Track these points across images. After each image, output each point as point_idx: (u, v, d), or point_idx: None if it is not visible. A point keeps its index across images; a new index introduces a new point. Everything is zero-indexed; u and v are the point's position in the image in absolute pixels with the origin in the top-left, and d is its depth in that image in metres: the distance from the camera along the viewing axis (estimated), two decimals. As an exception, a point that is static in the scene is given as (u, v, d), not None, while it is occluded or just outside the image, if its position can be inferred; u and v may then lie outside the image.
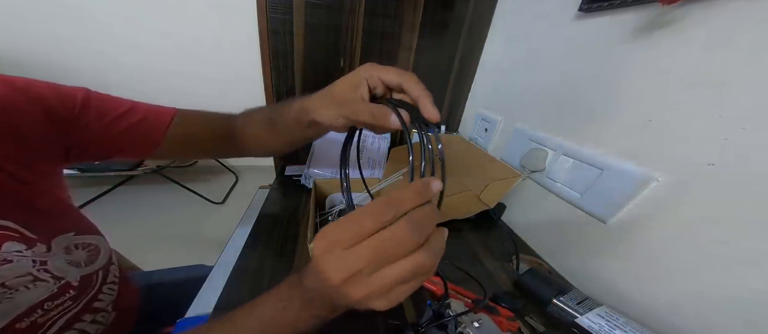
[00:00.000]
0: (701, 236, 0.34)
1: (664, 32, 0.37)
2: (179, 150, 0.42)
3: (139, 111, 0.37)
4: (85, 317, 0.36)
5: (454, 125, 0.94)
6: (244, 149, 0.45)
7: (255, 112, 0.44)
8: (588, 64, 0.49)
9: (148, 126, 0.37)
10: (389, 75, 0.29)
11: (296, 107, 0.35)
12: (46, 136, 0.31)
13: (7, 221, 0.28)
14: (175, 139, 0.39)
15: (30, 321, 0.30)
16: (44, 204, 0.32)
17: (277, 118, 0.39)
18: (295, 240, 0.53)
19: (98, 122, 0.34)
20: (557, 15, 0.55)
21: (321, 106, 0.32)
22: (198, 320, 0.38)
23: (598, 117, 0.47)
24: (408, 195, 0.20)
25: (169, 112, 0.40)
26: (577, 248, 0.51)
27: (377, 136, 0.80)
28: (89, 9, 0.66)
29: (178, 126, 0.40)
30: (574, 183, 0.50)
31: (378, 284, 0.19)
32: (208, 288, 0.43)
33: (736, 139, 0.30)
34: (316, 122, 0.33)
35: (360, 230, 0.19)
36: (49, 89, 0.31)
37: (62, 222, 0.34)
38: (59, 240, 0.33)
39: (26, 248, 0.29)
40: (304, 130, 0.37)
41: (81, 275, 0.35)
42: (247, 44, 0.72)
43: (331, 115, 0.31)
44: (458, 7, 0.75)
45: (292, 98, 0.38)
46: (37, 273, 0.30)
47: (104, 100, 0.35)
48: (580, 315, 0.37)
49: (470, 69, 0.84)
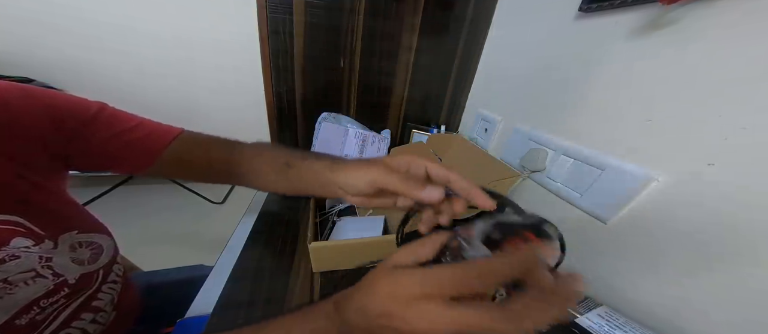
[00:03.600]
0: (701, 236, 0.34)
1: (664, 32, 0.37)
2: (172, 171, 0.41)
3: (145, 127, 0.38)
4: (85, 316, 0.36)
5: (454, 125, 0.94)
6: (243, 179, 0.43)
7: (269, 150, 0.43)
8: (588, 64, 0.49)
9: (148, 142, 0.38)
10: (436, 168, 0.29)
11: (319, 166, 0.35)
12: (52, 141, 0.32)
13: (15, 217, 0.28)
14: (169, 159, 0.39)
15: (29, 318, 0.30)
16: (52, 201, 0.33)
17: (293, 165, 0.38)
18: (295, 240, 0.53)
19: (103, 134, 0.35)
20: (557, 15, 0.54)
21: (350, 167, 0.32)
22: (198, 320, 0.38)
23: (598, 117, 0.47)
24: (505, 268, 0.17)
25: (173, 132, 0.40)
26: (577, 248, 0.51)
27: (377, 137, 0.80)
28: (84, 7, 0.66)
29: (177, 146, 0.39)
30: (574, 183, 0.50)
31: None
32: (208, 288, 0.43)
33: (736, 140, 0.30)
34: (335, 183, 0.32)
35: (435, 290, 0.17)
36: (64, 99, 0.33)
37: (69, 220, 0.35)
38: (65, 237, 0.33)
39: (34, 244, 0.30)
40: (318, 187, 0.36)
41: (81, 273, 0.35)
42: (247, 44, 0.72)
43: (358, 176, 0.30)
44: (458, 7, 0.75)
45: (315, 154, 0.38)
46: (41, 270, 0.31)
47: (116, 116, 0.37)
48: (580, 315, 0.37)
49: (470, 69, 0.84)
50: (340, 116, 0.82)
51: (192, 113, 0.85)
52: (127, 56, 0.73)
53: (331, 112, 0.82)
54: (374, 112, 0.88)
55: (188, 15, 0.70)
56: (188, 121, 0.44)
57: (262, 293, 0.42)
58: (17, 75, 0.69)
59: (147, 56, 0.74)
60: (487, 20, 0.77)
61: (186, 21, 0.70)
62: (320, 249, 0.42)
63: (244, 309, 0.40)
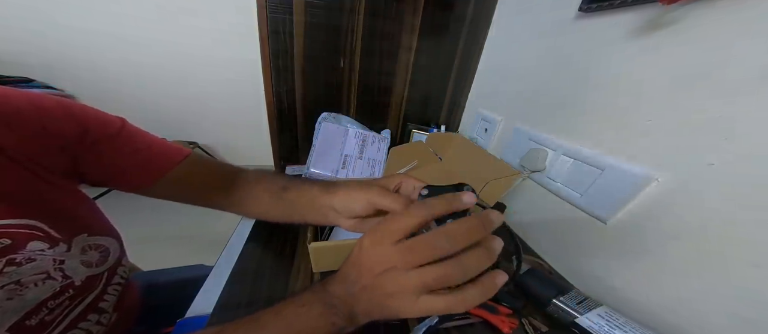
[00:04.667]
0: (701, 235, 0.34)
1: (664, 32, 0.37)
2: (173, 192, 0.41)
3: (158, 146, 0.39)
4: (91, 317, 0.36)
5: (454, 125, 0.94)
6: (241, 205, 0.43)
7: (268, 176, 0.43)
8: (588, 64, 0.49)
9: (158, 162, 0.38)
10: (423, 185, 0.32)
11: (314, 190, 0.37)
12: (75, 150, 0.32)
13: (33, 221, 0.29)
14: (173, 179, 0.39)
15: (39, 319, 0.30)
16: (68, 203, 0.33)
17: (288, 189, 0.40)
18: (295, 240, 0.53)
19: (121, 149, 0.36)
20: (557, 15, 0.54)
21: (346, 189, 0.34)
22: (198, 320, 0.38)
23: (598, 117, 0.47)
24: (439, 203, 0.23)
25: (183, 153, 0.40)
26: (577, 248, 0.51)
27: (377, 137, 0.80)
28: (85, 7, 0.66)
29: (184, 168, 0.39)
30: (574, 183, 0.50)
31: (411, 283, 0.22)
32: (208, 288, 0.43)
33: (736, 140, 0.30)
34: (331, 206, 0.35)
35: (400, 228, 0.23)
36: (93, 112, 0.34)
37: (82, 222, 0.35)
38: (78, 240, 0.33)
39: (49, 247, 0.30)
40: (312, 211, 0.38)
41: (87, 275, 0.35)
42: (246, 44, 0.72)
43: (355, 197, 0.33)
44: (458, 7, 0.75)
45: (310, 180, 0.41)
46: (53, 272, 0.31)
47: (134, 133, 0.37)
48: (580, 315, 0.37)
49: (470, 69, 0.84)
50: (340, 116, 0.82)
51: (191, 114, 0.85)
52: (126, 56, 0.73)
53: (331, 112, 0.82)
54: (374, 112, 0.88)
55: (188, 15, 0.70)
56: (188, 121, 0.44)
57: (262, 294, 0.42)
58: (17, 75, 0.69)
59: (147, 56, 0.74)
60: (487, 20, 0.77)
61: (186, 22, 0.70)
62: (320, 249, 0.42)
63: (244, 309, 0.40)
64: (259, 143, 0.88)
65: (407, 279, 0.22)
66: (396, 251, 0.22)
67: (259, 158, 0.89)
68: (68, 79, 0.72)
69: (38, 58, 0.69)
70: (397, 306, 0.23)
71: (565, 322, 0.38)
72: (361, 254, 0.24)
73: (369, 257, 0.23)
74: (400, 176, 0.35)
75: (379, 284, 0.23)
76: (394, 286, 0.22)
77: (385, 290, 0.23)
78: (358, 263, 0.24)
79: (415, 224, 0.23)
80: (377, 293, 0.23)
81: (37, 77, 0.70)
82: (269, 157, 0.88)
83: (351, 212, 0.33)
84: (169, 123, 0.84)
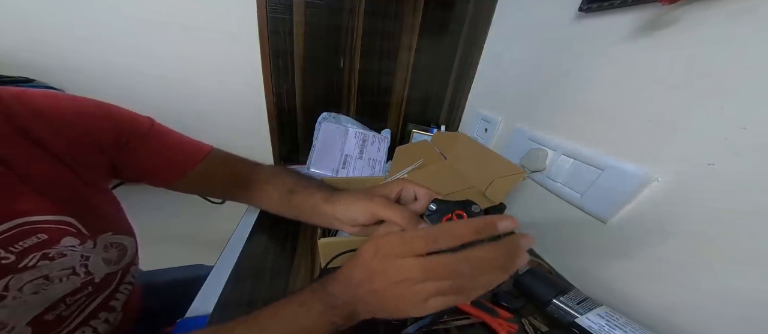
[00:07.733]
0: (701, 235, 0.34)
1: (664, 32, 0.37)
2: (196, 186, 0.44)
3: (184, 144, 0.41)
4: (101, 315, 0.37)
5: (454, 125, 0.94)
6: (255, 200, 0.48)
7: (281, 174, 0.47)
8: (588, 64, 0.49)
9: (184, 158, 0.41)
10: (422, 190, 0.33)
11: (317, 198, 0.39)
12: (111, 150, 0.34)
13: (69, 217, 0.30)
14: (197, 175, 0.42)
15: (56, 314, 0.31)
16: (99, 202, 0.35)
17: (295, 192, 0.42)
18: (295, 240, 0.53)
19: (151, 148, 0.38)
20: (557, 15, 0.54)
21: (348, 199, 0.35)
22: (198, 320, 0.38)
23: (598, 117, 0.47)
24: (466, 231, 0.22)
25: (205, 150, 0.43)
26: (577, 248, 0.51)
27: (377, 137, 0.80)
28: (85, 7, 0.66)
29: (206, 163, 0.42)
30: (574, 183, 0.50)
31: (425, 291, 0.22)
32: (208, 288, 0.43)
33: (736, 139, 0.30)
34: (333, 215, 0.36)
35: (411, 248, 0.22)
36: (126, 113, 0.36)
37: (109, 220, 0.36)
38: (103, 238, 0.34)
39: (79, 244, 0.31)
40: (315, 216, 0.40)
41: (106, 273, 0.36)
42: (247, 44, 0.72)
43: (358, 209, 0.34)
44: (458, 7, 0.75)
45: (318, 183, 0.43)
46: (77, 268, 0.31)
47: (163, 132, 0.40)
48: (580, 315, 0.37)
49: (470, 69, 0.84)
50: (340, 116, 0.82)
51: (192, 113, 0.85)
52: (126, 56, 0.73)
53: (331, 112, 0.82)
54: (374, 112, 0.88)
55: (188, 15, 0.70)
56: (188, 121, 0.45)
57: (263, 293, 0.42)
58: (17, 75, 0.68)
59: (146, 56, 0.74)
60: (487, 20, 0.77)
61: (186, 22, 0.70)
62: (329, 245, 0.42)
63: (244, 309, 0.40)
64: (259, 143, 0.88)
65: (423, 288, 0.22)
66: (417, 266, 0.22)
67: (259, 158, 0.89)
68: (68, 80, 0.72)
69: (39, 59, 0.69)
70: (406, 309, 0.23)
71: (565, 322, 0.38)
72: (373, 260, 0.24)
73: (384, 265, 0.23)
74: (400, 182, 0.35)
75: (392, 291, 0.23)
76: (409, 293, 0.22)
77: (397, 296, 0.23)
78: (369, 268, 0.24)
79: (439, 247, 0.22)
80: (389, 298, 0.23)
81: (37, 78, 0.70)
82: (269, 157, 0.88)
83: (353, 221, 0.34)
84: (168, 123, 0.84)
